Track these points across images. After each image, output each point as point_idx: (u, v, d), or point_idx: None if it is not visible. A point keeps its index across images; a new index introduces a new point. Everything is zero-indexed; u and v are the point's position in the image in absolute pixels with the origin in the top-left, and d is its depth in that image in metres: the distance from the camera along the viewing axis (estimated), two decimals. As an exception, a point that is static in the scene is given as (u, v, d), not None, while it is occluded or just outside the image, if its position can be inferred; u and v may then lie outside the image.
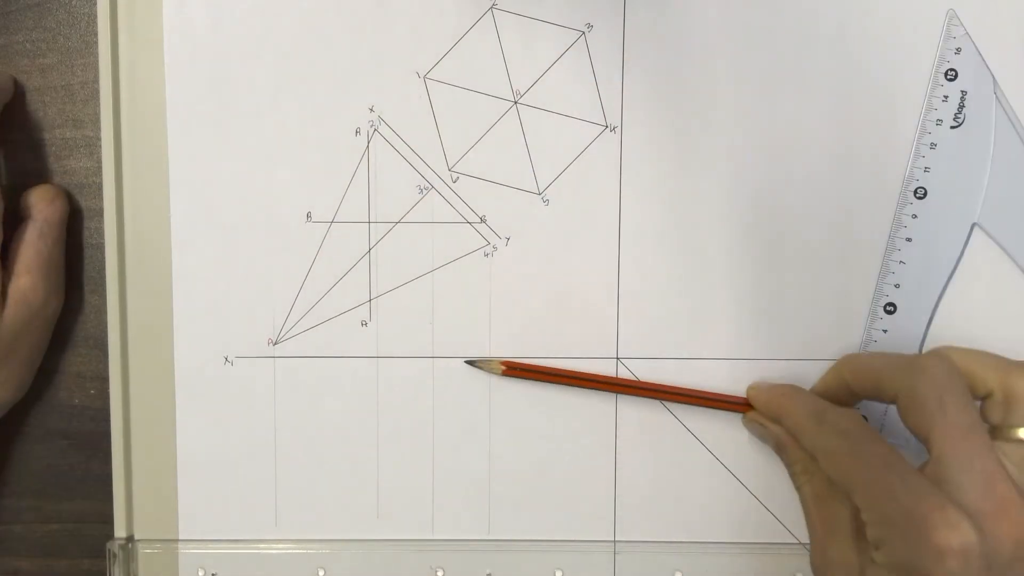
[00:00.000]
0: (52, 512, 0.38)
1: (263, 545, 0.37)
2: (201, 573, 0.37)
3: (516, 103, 0.35)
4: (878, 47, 0.35)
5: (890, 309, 0.35)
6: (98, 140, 0.36)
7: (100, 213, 0.36)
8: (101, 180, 0.36)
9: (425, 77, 0.36)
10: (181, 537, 0.37)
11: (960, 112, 0.35)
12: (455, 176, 0.36)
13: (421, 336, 0.36)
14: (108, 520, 0.37)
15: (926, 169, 0.35)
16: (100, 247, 0.37)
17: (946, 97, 0.35)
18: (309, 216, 0.36)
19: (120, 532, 0.36)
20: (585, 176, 0.36)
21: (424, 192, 0.36)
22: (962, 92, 0.35)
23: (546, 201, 0.36)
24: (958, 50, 0.35)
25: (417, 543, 0.37)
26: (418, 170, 0.36)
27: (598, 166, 0.36)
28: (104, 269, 0.36)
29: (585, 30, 0.35)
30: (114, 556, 0.36)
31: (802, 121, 0.35)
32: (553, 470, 0.36)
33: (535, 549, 0.36)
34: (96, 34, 0.35)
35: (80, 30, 0.37)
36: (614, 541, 0.36)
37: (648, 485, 0.36)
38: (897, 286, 0.35)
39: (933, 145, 0.35)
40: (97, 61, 0.36)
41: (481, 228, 0.36)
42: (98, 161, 0.36)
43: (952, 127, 0.35)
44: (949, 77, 0.35)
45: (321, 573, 0.37)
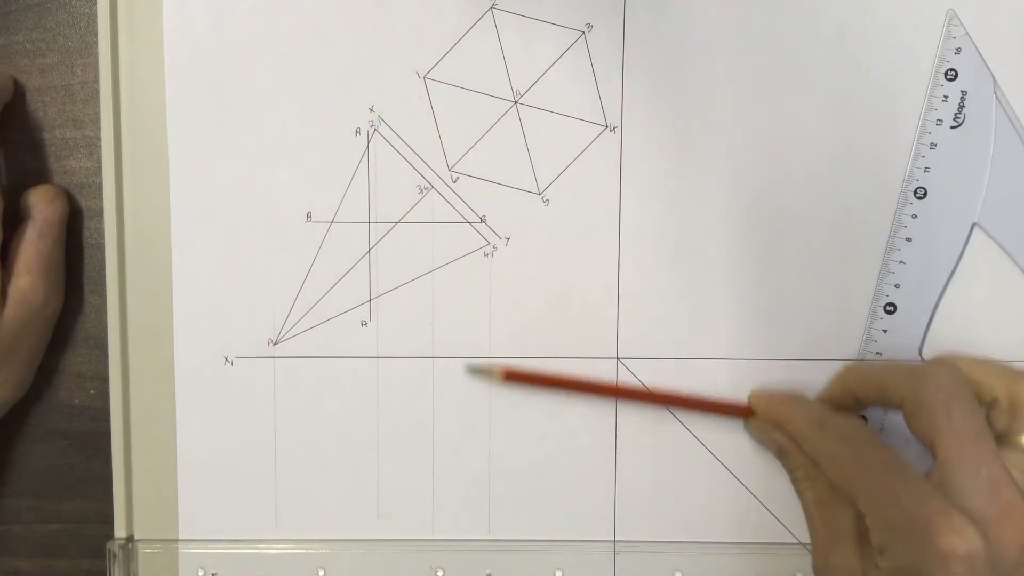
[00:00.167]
0: (52, 512, 0.38)
1: (263, 545, 0.37)
2: (201, 573, 0.37)
3: (516, 103, 0.35)
4: (878, 47, 0.35)
5: (890, 309, 0.35)
6: (98, 140, 0.36)
7: (100, 213, 0.36)
8: (101, 180, 0.36)
9: (425, 77, 0.36)
10: (181, 537, 0.37)
11: (960, 112, 0.35)
12: (455, 176, 0.36)
13: (421, 336, 0.36)
14: (108, 520, 0.37)
15: (926, 169, 0.35)
16: (100, 247, 0.37)
17: (946, 97, 0.35)
18: (309, 216, 0.36)
19: (120, 532, 0.36)
20: (585, 176, 0.36)
21: (424, 192, 0.36)
22: (962, 92, 0.35)
23: (546, 201, 0.36)
24: (958, 50, 0.35)
25: (417, 543, 0.37)
26: (418, 170, 0.36)
27: (598, 166, 0.36)
28: (104, 269, 0.36)
29: (585, 30, 0.35)
30: (114, 556, 0.36)
31: (802, 121, 0.35)
32: (553, 470, 0.36)
33: (535, 549, 0.36)
34: (96, 34, 0.35)
35: (80, 30, 0.37)
36: (614, 541, 0.36)
37: (648, 485, 0.36)
38: (897, 286, 0.35)
39: (933, 145, 0.35)
40: (97, 61, 0.36)
41: (481, 228, 0.36)
42: (98, 161, 0.36)
43: (952, 127, 0.35)
44: (949, 77, 0.35)
45: (321, 573, 0.37)
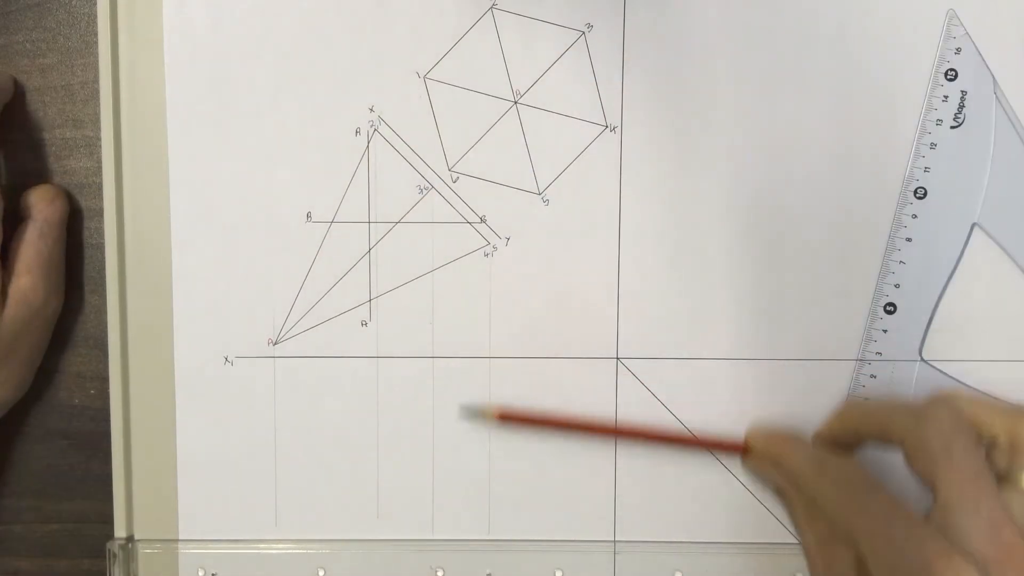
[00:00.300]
0: (52, 512, 0.38)
1: (263, 545, 0.37)
2: (201, 573, 0.37)
3: (516, 103, 0.35)
4: (878, 47, 0.35)
5: (890, 309, 0.35)
6: (98, 140, 0.36)
7: (100, 213, 0.36)
8: (101, 180, 0.36)
9: (425, 77, 0.36)
10: (181, 537, 0.37)
11: (960, 112, 0.35)
12: (455, 176, 0.36)
13: (421, 336, 0.36)
14: (108, 520, 0.37)
15: (926, 169, 0.35)
16: (100, 247, 0.37)
17: (946, 97, 0.35)
18: (309, 216, 0.36)
19: (120, 532, 0.36)
20: (585, 176, 0.36)
21: (424, 192, 0.36)
22: (962, 92, 0.35)
23: (546, 201, 0.36)
24: (958, 50, 0.35)
25: (417, 543, 0.37)
26: (418, 170, 0.36)
27: (598, 166, 0.36)
28: (104, 269, 0.36)
29: (585, 30, 0.35)
30: (114, 556, 0.36)
31: (802, 121, 0.35)
32: (553, 470, 0.36)
33: (535, 549, 0.36)
34: (96, 34, 0.35)
35: (80, 30, 0.37)
36: (614, 541, 0.36)
37: (648, 485, 0.36)
38: (897, 286, 0.35)
39: (933, 145, 0.35)
40: (97, 61, 0.36)
41: (481, 228, 0.36)
42: (98, 161, 0.36)
43: (952, 127, 0.35)
44: (949, 77, 0.35)
45: (321, 573, 0.37)
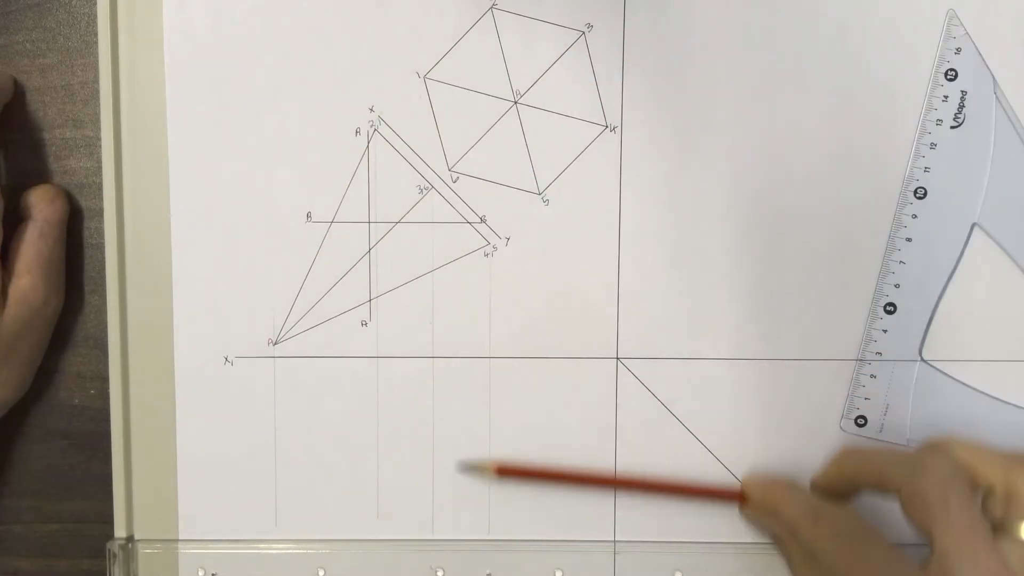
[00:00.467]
0: (52, 512, 0.38)
1: (263, 545, 0.37)
2: (201, 573, 0.37)
3: (516, 103, 0.35)
4: (878, 47, 0.35)
5: (890, 309, 0.35)
6: (98, 140, 0.36)
7: (100, 213, 0.36)
8: (101, 180, 0.36)
9: (425, 77, 0.36)
10: (181, 537, 0.37)
11: (960, 112, 0.35)
12: (455, 176, 0.36)
13: (421, 336, 0.36)
14: (108, 520, 0.37)
15: (926, 169, 0.35)
16: (100, 247, 0.37)
17: (946, 97, 0.35)
18: (309, 216, 0.36)
19: (120, 532, 0.36)
20: (585, 176, 0.36)
21: (424, 192, 0.36)
22: (962, 92, 0.35)
23: (546, 201, 0.36)
24: (958, 50, 0.35)
25: (417, 543, 0.37)
26: (418, 170, 0.36)
27: (598, 166, 0.36)
28: (104, 269, 0.36)
29: (585, 30, 0.35)
30: (114, 556, 0.36)
31: (802, 121, 0.35)
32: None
33: (535, 549, 0.36)
34: (96, 34, 0.35)
35: (80, 30, 0.37)
36: (614, 541, 0.36)
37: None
38: (897, 286, 0.35)
39: (933, 145, 0.35)
40: (97, 61, 0.36)
41: (481, 228, 0.36)
42: (98, 161, 0.36)
43: (952, 127, 0.35)
44: (949, 77, 0.35)
45: (321, 573, 0.37)
